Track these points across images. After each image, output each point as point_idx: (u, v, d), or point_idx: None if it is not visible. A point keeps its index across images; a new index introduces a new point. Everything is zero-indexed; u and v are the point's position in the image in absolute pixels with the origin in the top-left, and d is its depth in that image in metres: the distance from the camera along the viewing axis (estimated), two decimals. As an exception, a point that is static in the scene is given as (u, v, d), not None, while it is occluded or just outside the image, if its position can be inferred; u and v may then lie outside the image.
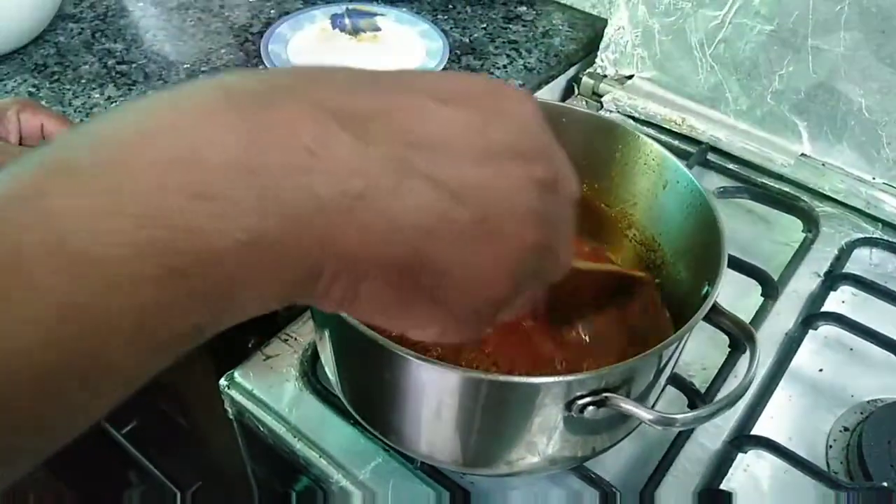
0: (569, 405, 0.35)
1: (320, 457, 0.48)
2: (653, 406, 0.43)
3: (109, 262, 0.17)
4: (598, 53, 0.79)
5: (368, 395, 0.43)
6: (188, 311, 0.18)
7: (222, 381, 0.52)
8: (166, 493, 0.92)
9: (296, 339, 0.55)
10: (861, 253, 0.65)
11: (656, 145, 0.47)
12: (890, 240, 0.65)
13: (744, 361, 0.54)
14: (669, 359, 0.40)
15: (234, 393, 0.52)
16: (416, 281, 0.21)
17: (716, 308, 0.39)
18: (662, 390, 0.44)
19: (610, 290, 0.46)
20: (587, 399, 0.34)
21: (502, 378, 0.33)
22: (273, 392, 0.51)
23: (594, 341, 0.46)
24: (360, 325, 0.34)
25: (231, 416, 0.54)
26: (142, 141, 0.18)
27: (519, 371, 0.43)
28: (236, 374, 0.52)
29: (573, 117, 0.51)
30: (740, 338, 0.38)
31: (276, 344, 0.54)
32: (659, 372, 0.39)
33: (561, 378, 0.34)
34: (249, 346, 0.56)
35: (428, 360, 0.34)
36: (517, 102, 0.24)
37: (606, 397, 0.34)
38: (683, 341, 0.39)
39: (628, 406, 0.34)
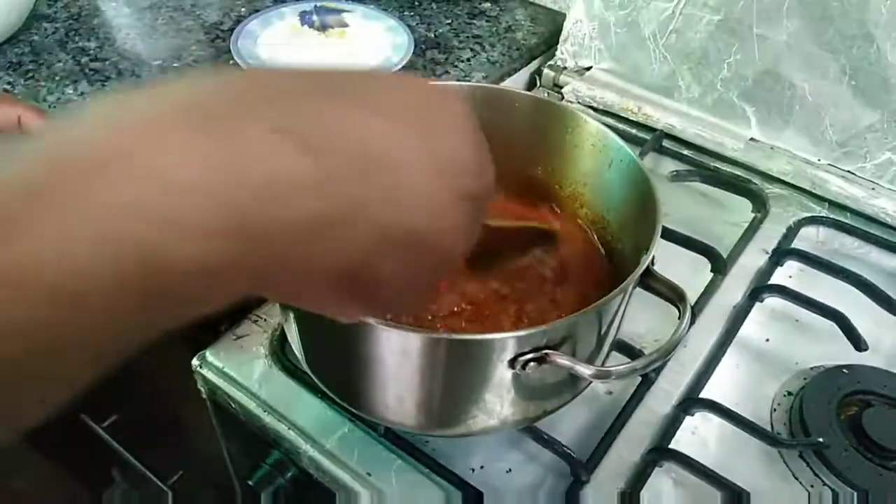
0: (512, 362, 0.37)
1: (289, 429, 0.50)
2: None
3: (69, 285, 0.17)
4: (559, 46, 0.82)
5: (330, 364, 0.45)
6: (139, 326, 0.19)
7: (194, 361, 0.54)
8: (149, 487, 0.94)
9: (265, 319, 0.57)
10: (808, 231, 0.68)
11: (601, 126, 0.50)
12: (836, 218, 0.69)
13: (693, 333, 0.57)
14: (612, 320, 0.42)
15: (206, 372, 0.54)
16: (352, 286, 0.24)
17: (652, 274, 0.42)
18: (608, 355, 0.47)
19: (524, 244, 0.50)
20: (529, 356, 0.37)
21: (445, 336, 0.36)
22: (243, 370, 0.53)
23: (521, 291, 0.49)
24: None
25: (204, 396, 0.56)
26: (105, 164, 0.18)
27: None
28: (208, 354, 0.54)
29: (525, 102, 0.54)
30: (674, 299, 0.41)
31: (247, 325, 0.57)
32: (601, 333, 0.42)
33: (503, 335, 0.36)
34: (221, 329, 0.58)
35: (380, 322, 0.36)
36: (453, 117, 0.26)
37: (546, 354, 0.37)
38: (623, 301, 0.42)
39: (566, 361, 0.37)
